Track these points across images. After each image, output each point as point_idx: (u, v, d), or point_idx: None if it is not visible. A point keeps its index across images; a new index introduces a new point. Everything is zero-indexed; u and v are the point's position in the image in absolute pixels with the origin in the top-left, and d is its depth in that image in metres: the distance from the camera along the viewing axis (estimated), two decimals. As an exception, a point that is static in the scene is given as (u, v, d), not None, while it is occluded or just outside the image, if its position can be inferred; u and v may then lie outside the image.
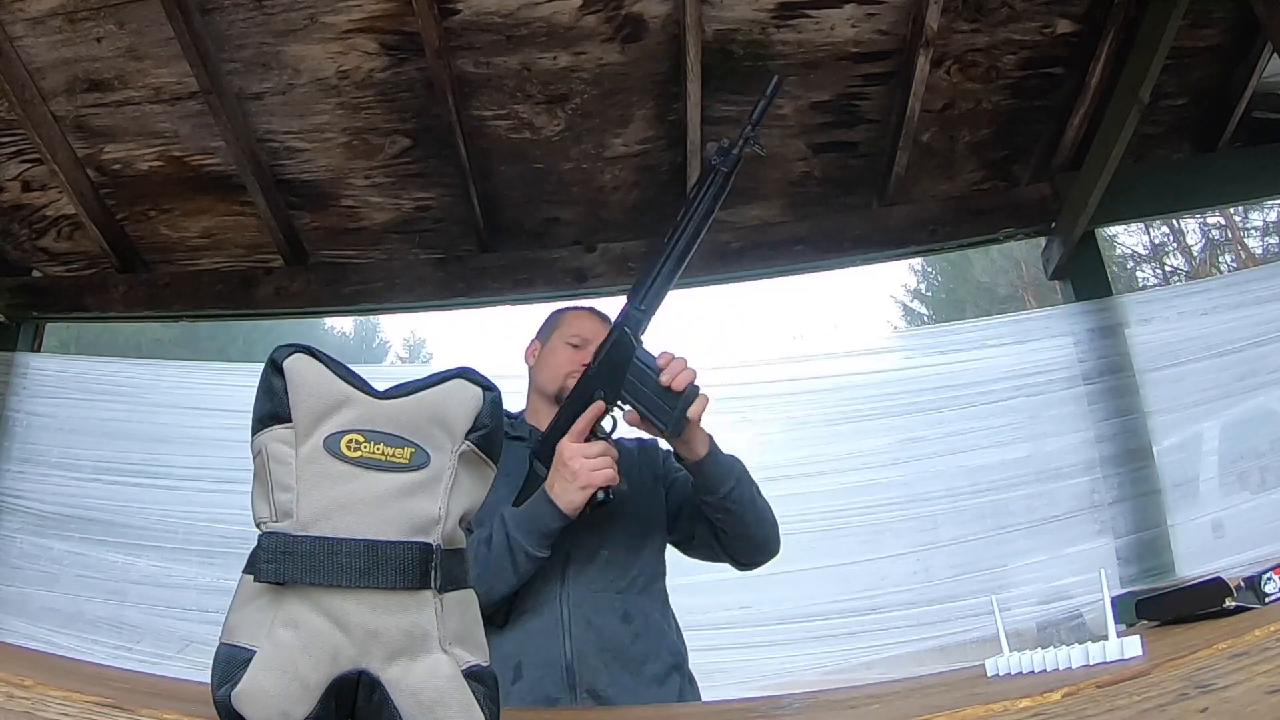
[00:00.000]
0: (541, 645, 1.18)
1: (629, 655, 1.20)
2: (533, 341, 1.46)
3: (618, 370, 1.18)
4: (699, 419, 1.18)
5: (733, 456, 1.25)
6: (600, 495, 1.15)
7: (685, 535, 1.35)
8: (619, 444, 1.30)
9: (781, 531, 1.33)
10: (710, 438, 1.22)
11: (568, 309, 1.48)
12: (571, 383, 1.29)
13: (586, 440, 1.19)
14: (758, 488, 1.27)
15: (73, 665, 0.93)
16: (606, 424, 1.23)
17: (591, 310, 1.48)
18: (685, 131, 2.33)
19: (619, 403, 1.21)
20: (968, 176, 2.54)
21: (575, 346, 1.37)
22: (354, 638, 0.53)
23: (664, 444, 1.44)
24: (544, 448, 1.22)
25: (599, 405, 1.19)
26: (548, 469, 1.19)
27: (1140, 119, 2.12)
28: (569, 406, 1.22)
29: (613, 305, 1.33)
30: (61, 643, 2.26)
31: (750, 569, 1.34)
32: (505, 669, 1.17)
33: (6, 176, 2.50)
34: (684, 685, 1.26)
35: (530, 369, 1.44)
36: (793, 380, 2.45)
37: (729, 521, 1.25)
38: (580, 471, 1.14)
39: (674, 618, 1.33)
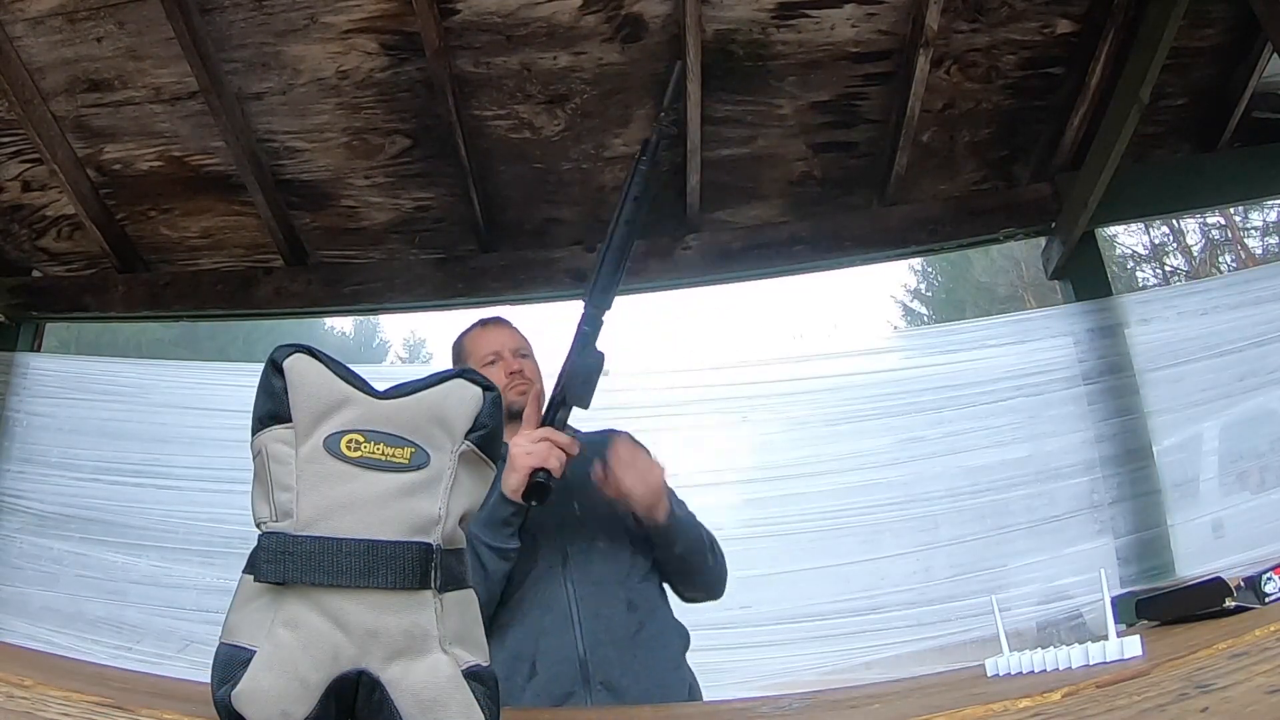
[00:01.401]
0: (554, 641, 1.19)
1: (639, 643, 1.21)
2: None
3: (575, 368, 1.25)
4: (658, 496, 1.24)
5: (689, 516, 1.32)
6: (540, 477, 1.16)
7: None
8: (588, 436, 1.35)
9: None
10: (669, 501, 1.27)
11: (462, 338, 1.50)
12: (514, 395, 1.34)
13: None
14: (710, 540, 1.33)
15: (73, 665, 0.93)
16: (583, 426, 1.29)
17: (483, 322, 1.50)
18: (685, 131, 2.33)
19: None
20: (968, 176, 2.54)
21: (493, 362, 1.41)
22: (354, 638, 0.53)
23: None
24: None
25: (535, 389, 1.29)
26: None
27: (1140, 119, 2.12)
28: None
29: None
30: (61, 643, 2.25)
31: (686, 602, 1.38)
32: (520, 667, 1.18)
33: (6, 176, 2.50)
34: (688, 669, 1.29)
35: None
36: (793, 380, 2.45)
37: (679, 570, 1.31)
38: (516, 455, 1.17)
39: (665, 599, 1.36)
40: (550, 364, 1.42)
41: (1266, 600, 0.72)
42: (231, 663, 0.53)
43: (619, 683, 1.16)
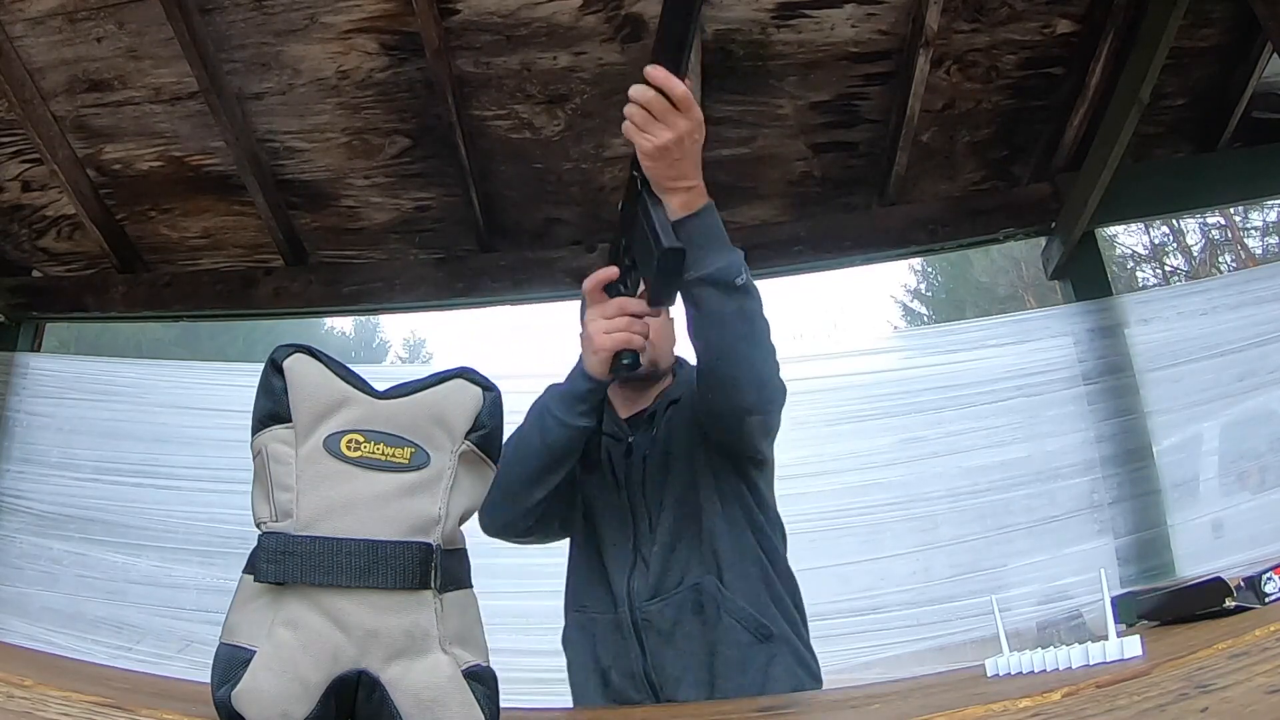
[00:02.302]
0: (622, 655, 1.14)
1: (703, 647, 1.11)
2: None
3: (632, 220, 1.02)
4: (670, 163, 0.94)
5: (732, 254, 1.00)
6: (626, 359, 1.04)
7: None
8: (673, 398, 1.22)
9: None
10: (701, 203, 0.99)
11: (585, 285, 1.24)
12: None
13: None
14: (757, 323, 1.03)
15: (73, 665, 0.93)
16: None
17: None
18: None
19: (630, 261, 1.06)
20: (968, 176, 2.54)
21: None
22: (354, 638, 0.53)
23: None
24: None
25: (611, 271, 1.06)
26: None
27: (1140, 119, 2.12)
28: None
29: None
30: (61, 643, 2.26)
31: (722, 427, 1.11)
32: (593, 674, 1.15)
33: (6, 176, 2.50)
34: (780, 656, 1.11)
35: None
36: (793, 380, 2.44)
37: (692, 325, 1.04)
38: (594, 335, 1.05)
39: (773, 582, 1.16)
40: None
41: (1266, 600, 0.72)
42: (231, 663, 0.53)
43: (688, 695, 1.09)
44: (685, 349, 1.15)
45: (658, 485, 1.18)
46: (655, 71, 0.92)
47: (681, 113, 0.93)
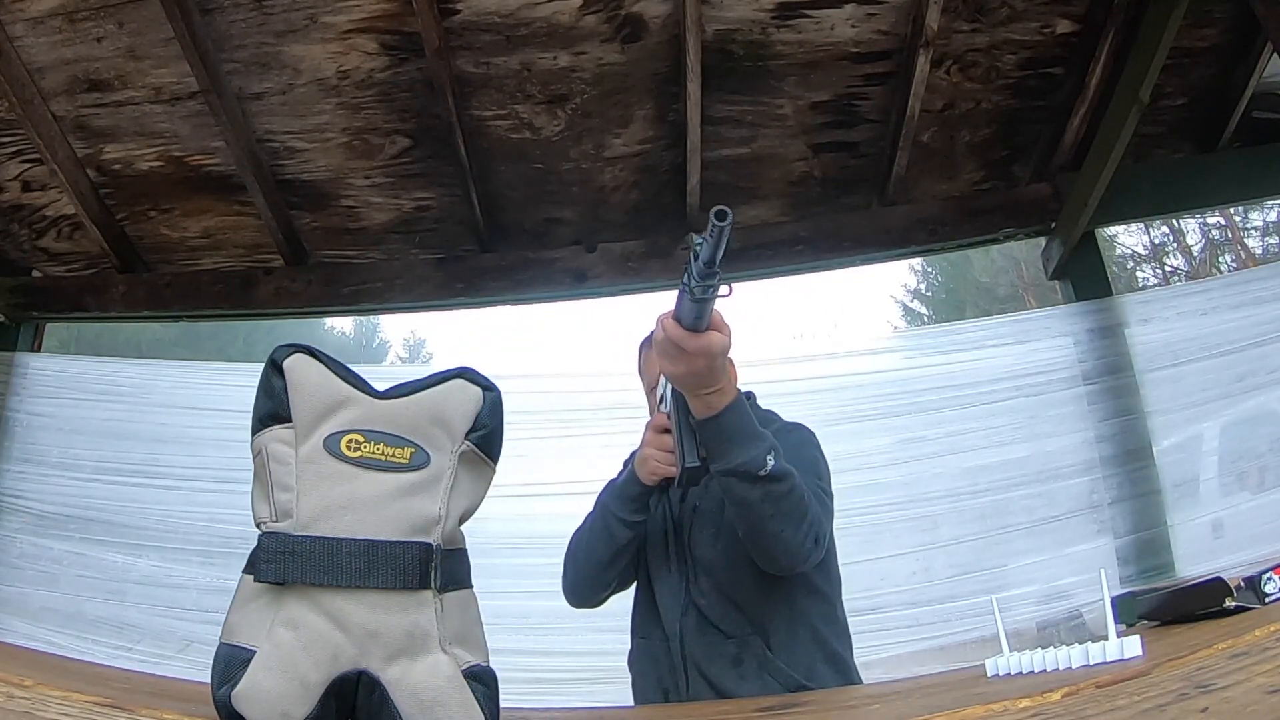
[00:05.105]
0: (676, 682, 1.20)
1: (735, 695, 1.14)
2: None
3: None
4: (696, 380, 1.00)
5: (755, 447, 1.03)
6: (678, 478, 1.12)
7: None
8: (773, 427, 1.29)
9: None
10: (724, 403, 1.03)
11: (642, 346, 1.39)
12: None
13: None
14: (785, 503, 1.05)
15: (73, 665, 0.93)
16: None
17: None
18: (685, 131, 2.33)
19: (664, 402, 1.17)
20: (968, 176, 2.54)
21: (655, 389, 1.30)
22: (354, 638, 0.53)
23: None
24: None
25: (660, 418, 1.19)
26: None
27: (1140, 119, 2.12)
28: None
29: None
30: (61, 643, 2.25)
31: (769, 569, 1.14)
32: (656, 693, 1.22)
33: (6, 176, 2.50)
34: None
35: None
36: (793, 380, 2.45)
37: (726, 503, 1.11)
38: (649, 459, 1.18)
39: (826, 640, 1.19)
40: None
41: (1266, 600, 0.72)
42: (231, 663, 0.53)
43: None
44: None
45: (709, 539, 1.22)
46: (668, 323, 0.99)
47: (690, 354, 0.98)
